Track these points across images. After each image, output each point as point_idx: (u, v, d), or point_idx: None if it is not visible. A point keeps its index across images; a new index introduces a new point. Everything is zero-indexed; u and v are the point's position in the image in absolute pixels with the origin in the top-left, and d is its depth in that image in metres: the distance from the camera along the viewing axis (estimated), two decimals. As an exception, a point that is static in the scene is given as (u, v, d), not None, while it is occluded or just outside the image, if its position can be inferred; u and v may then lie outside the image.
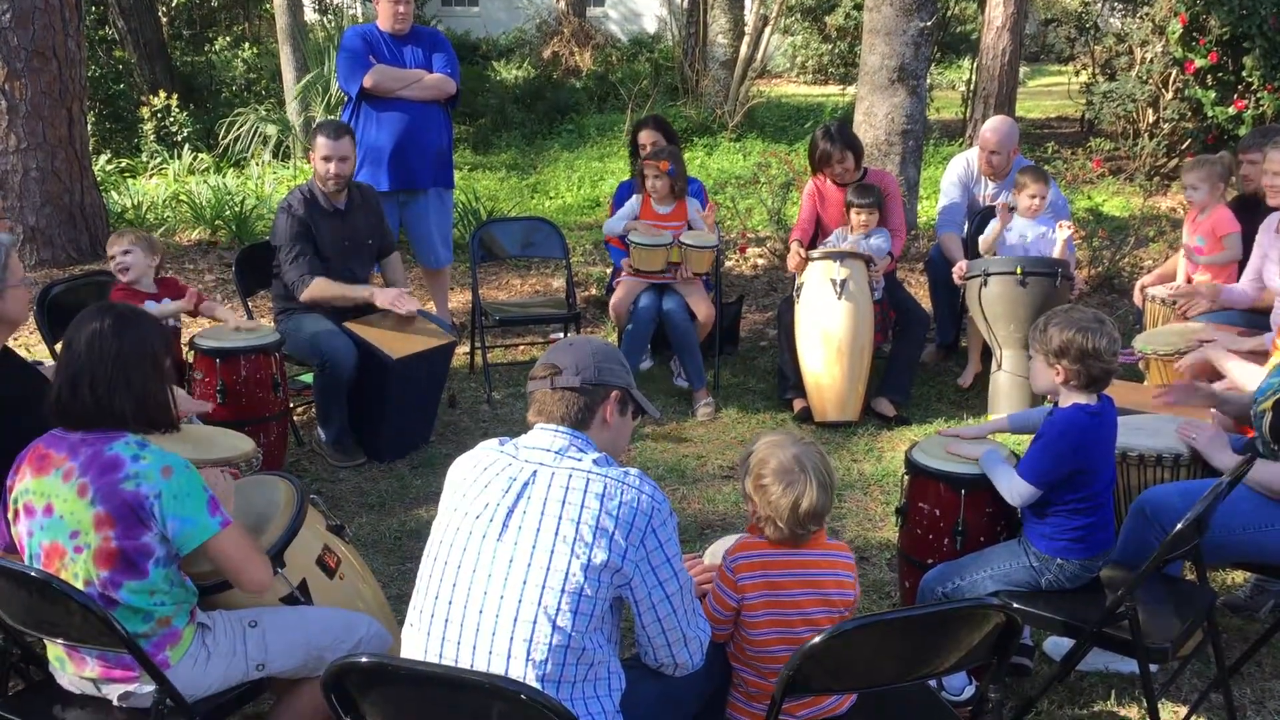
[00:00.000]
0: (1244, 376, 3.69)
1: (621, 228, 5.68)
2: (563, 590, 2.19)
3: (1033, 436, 3.03)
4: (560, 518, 2.22)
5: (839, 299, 5.18)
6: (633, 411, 2.52)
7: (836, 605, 2.51)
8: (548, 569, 2.20)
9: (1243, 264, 4.95)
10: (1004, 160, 5.76)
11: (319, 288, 4.89)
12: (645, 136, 6.02)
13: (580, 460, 2.31)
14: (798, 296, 5.37)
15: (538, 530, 2.23)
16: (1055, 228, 5.34)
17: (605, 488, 2.24)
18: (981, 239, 5.55)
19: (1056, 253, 5.26)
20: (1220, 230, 4.99)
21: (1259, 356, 3.94)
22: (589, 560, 2.19)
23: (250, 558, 2.53)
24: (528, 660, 2.19)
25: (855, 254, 5.31)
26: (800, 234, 5.75)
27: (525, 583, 2.20)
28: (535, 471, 2.29)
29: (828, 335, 5.21)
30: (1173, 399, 3.68)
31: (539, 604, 2.19)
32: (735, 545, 2.59)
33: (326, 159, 4.95)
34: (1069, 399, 2.98)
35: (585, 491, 2.24)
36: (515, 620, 2.20)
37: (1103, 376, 2.95)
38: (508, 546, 2.24)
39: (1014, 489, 2.98)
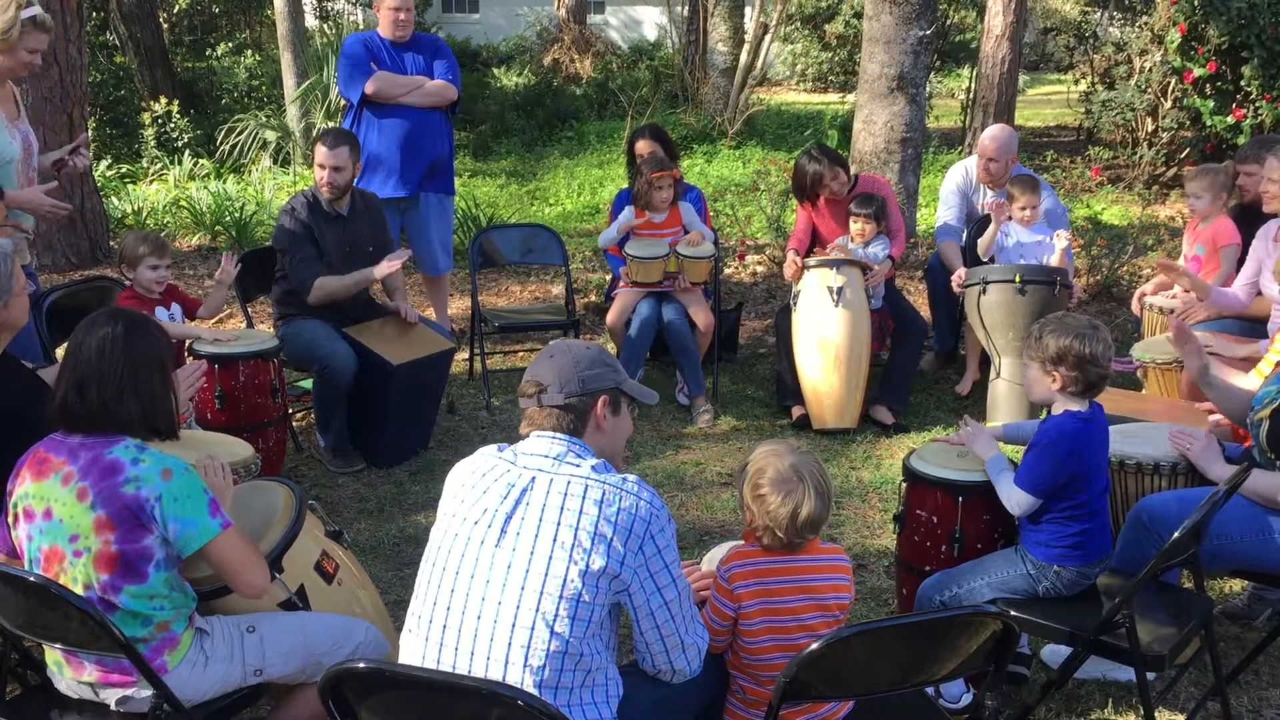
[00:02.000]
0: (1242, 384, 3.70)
1: (616, 235, 5.67)
2: (561, 596, 2.19)
3: (1026, 446, 3.05)
4: (559, 524, 2.22)
5: (836, 306, 5.19)
6: (628, 405, 2.50)
7: (832, 609, 2.51)
8: (546, 575, 2.20)
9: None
10: (1002, 168, 5.77)
11: (324, 287, 4.91)
12: (643, 146, 6.00)
13: (579, 466, 2.31)
14: (795, 305, 5.38)
15: (536, 536, 2.23)
16: (1053, 236, 5.35)
17: (604, 494, 2.25)
18: (980, 240, 5.57)
19: (1055, 262, 5.27)
20: (1220, 240, 5.00)
21: (1252, 364, 3.94)
22: (587, 566, 2.20)
23: (249, 561, 2.53)
24: (525, 666, 2.19)
25: (852, 261, 5.32)
26: (796, 244, 5.75)
27: (524, 589, 2.21)
28: (534, 478, 2.29)
29: (825, 343, 5.22)
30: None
31: (537, 610, 2.19)
32: (729, 554, 2.59)
33: (322, 167, 4.96)
34: (1062, 406, 2.99)
35: (584, 498, 2.24)
36: (513, 626, 2.20)
37: (1099, 382, 2.96)
38: (506, 553, 2.24)
39: (1013, 499, 2.99)
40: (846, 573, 2.56)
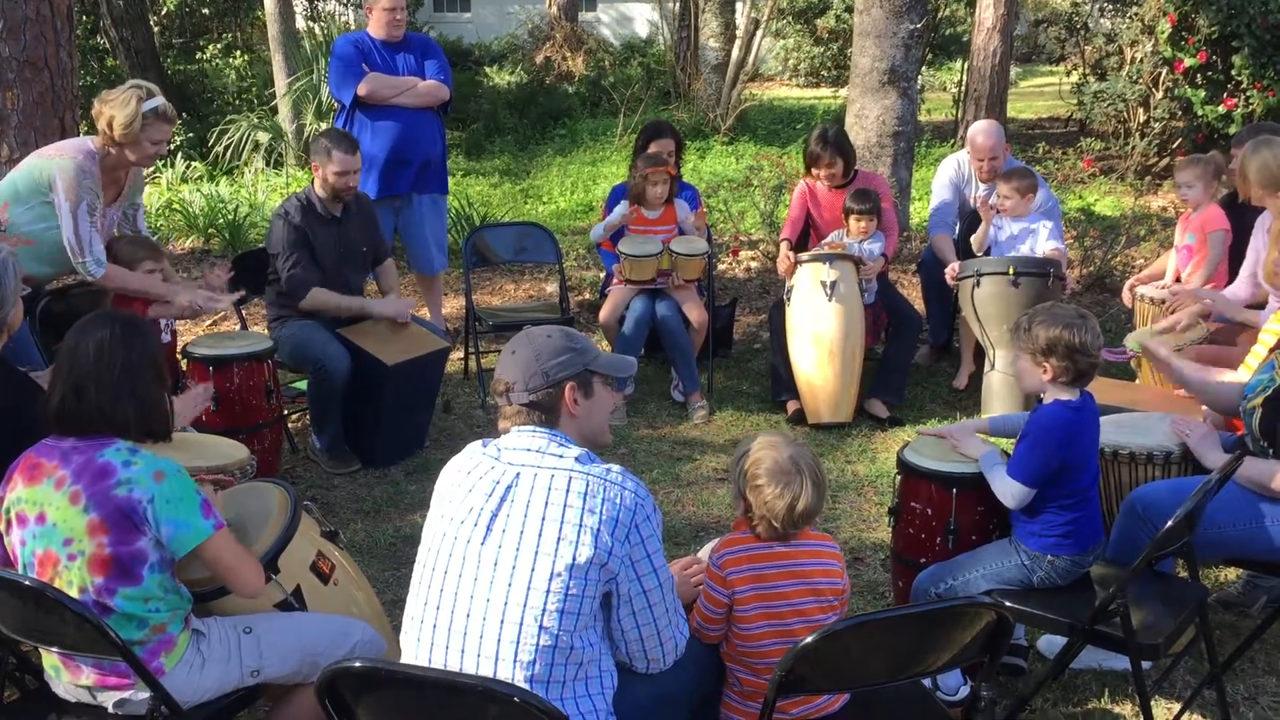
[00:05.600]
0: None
1: (604, 232, 5.67)
2: (548, 591, 2.20)
3: (1017, 438, 3.05)
4: (544, 519, 2.23)
5: (829, 301, 5.20)
6: (602, 382, 2.48)
7: (825, 594, 2.52)
8: (532, 570, 2.21)
9: (1234, 262, 4.97)
10: (1001, 163, 5.77)
11: (318, 299, 4.91)
12: (659, 145, 5.90)
13: (562, 458, 2.32)
14: (788, 299, 5.38)
15: (521, 533, 2.24)
16: (1039, 227, 5.36)
17: (587, 485, 2.26)
18: (973, 238, 5.59)
19: (1041, 250, 5.28)
20: (1209, 227, 5.01)
21: (1250, 330, 3.96)
22: (574, 559, 2.20)
23: (244, 560, 2.55)
24: (515, 662, 2.20)
25: (845, 255, 5.33)
26: (789, 233, 5.76)
27: (511, 585, 2.22)
28: (518, 473, 2.30)
29: (819, 337, 5.22)
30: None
31: (525, 606, 2.20)
32: (721, 542, 2.61)
33: (341, 174, 4.92)
34: (1053, 395, 3.00)
35: (567, 491, 2.25)
36: (502, 623, 2.21)
37: (1089, 371, 2.97)
38: (492, 550, 2.25)
39: (1007, 490, 3.00)
40: (837, 558, 2.58)
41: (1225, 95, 9.61)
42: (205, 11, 16.09)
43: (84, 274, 4.27)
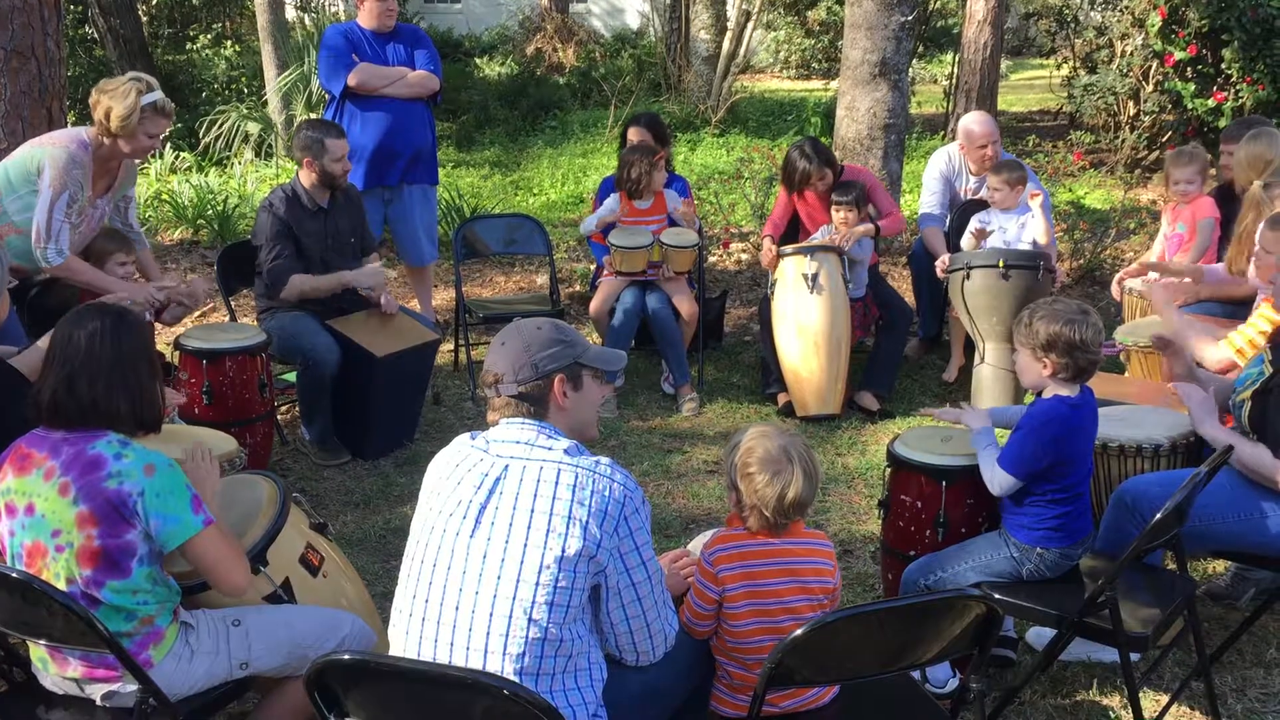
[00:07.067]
0: (1207, 354, 3.71)
1: (595, 225, 5.67)
2: (537, 584, 2.20)
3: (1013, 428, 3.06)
4: (532, 511, 2.23)
5: (811, 293, 5.20)
6: (592, 375, 2.47)
7: (816, 593, 2.52)
8: (521, 563, 2.21)
9: (1222, 251, 4.98)
10: (998, 149, 5.76)
11: (297, 285, 4.88)
12: (632, 134, 5.96)
13: (551, 450, 2.31)
14: (772, 292, 5.38)
15: (510, 525, 2.24)
16: (1030, 212, 5.34)
17: (576, 478, 2.25)
18: (963, 241, 5.56)
19: (1040, 232, 5.26)
20: (1199, 215, 5.02)
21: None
22: (563, 552, 2.20)
23: (229, 559, 2.53)
24: (504, 654, 2.20)
25: (827, 247, 5.32)
26: (772, 229, 5.75)
27: (499, 578, 2.21)
28: (507, 466, 2.30)
29: (804, 329, 5.22)
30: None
31: (513, 598, 2.20)
32: (713, 538, 2.60)
33: (339, 160, 4.92)
34: (1052, 391, 3.00)
35: (556, 483, 2.25)
36: (491, 615, 2.21)
37: (1089, 367, 2.97)
38: (480, 543, 2.25)
39: (995, 478, 3.00)
40: (829, 557, 2.57)
41: (1215, 89, 9.63)
42: (194, 1, 16.01)
43: (40, 259, 4.23)
